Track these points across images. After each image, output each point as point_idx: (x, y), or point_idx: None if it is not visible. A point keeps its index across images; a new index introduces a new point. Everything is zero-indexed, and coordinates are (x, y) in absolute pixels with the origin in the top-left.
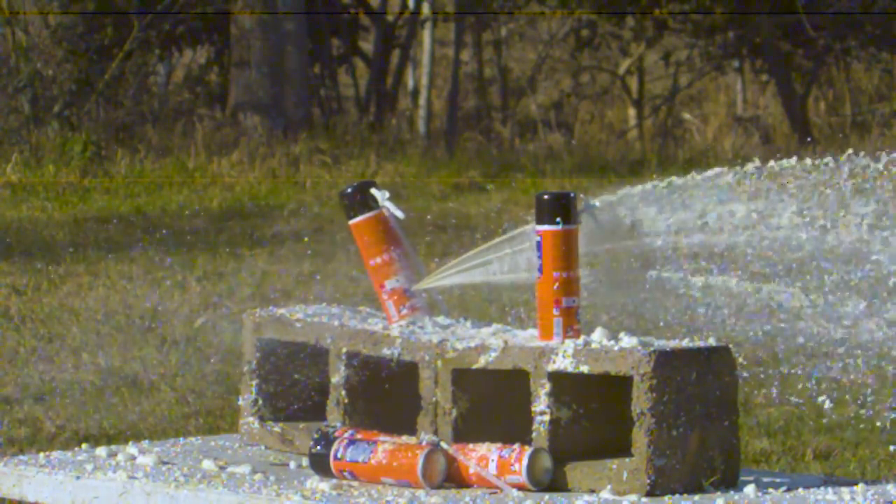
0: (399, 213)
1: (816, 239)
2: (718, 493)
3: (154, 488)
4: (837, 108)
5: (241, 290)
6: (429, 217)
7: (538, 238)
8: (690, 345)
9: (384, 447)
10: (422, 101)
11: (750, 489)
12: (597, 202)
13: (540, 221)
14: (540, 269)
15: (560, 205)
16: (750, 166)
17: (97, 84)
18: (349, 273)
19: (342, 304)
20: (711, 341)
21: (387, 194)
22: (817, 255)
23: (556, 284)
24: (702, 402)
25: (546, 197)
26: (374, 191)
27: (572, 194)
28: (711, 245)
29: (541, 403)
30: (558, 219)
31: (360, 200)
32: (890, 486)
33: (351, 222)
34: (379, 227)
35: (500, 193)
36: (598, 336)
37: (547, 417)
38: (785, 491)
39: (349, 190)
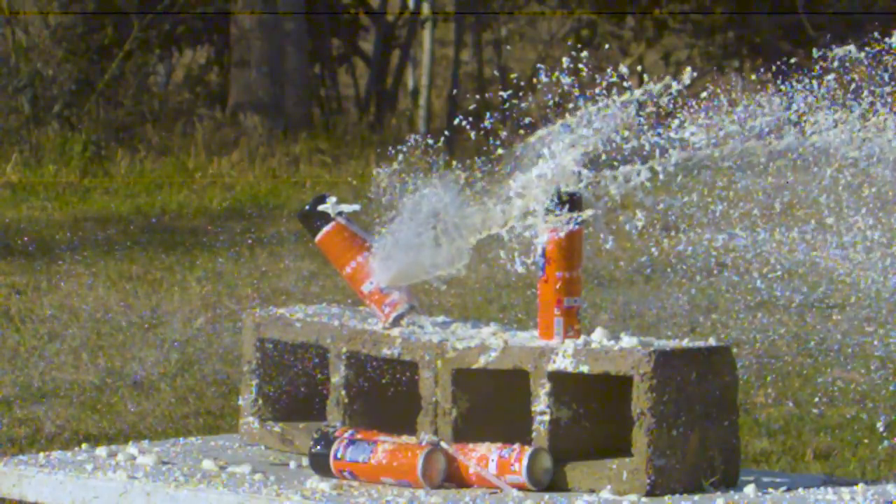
0: (352, 208)
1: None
2: (718, 493)
3: (154, 488)
4: None
5: (241, 290)
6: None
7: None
8: (690, 345)
9: (384, 447)
10: (422, 101)
11: (750, 489)
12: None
13: (545, 220)
14: (542, 269)
15: (565, 205)
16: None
17: (97, 84)
18: None
19: (342, 304)
20: (711, 341)
21: (334, 199)
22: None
23: (559, 284)
24: (702, 402)
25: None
26: (321, 207)
27: (577, 194)
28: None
29: (541, 403)
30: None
31: (317, 217)
32: (890, 486)
33: (316, 240)
34: (340, 236)
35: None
36: (598, 336)
37: (547, 417)
38: (785, 491)
39: (306, 208)
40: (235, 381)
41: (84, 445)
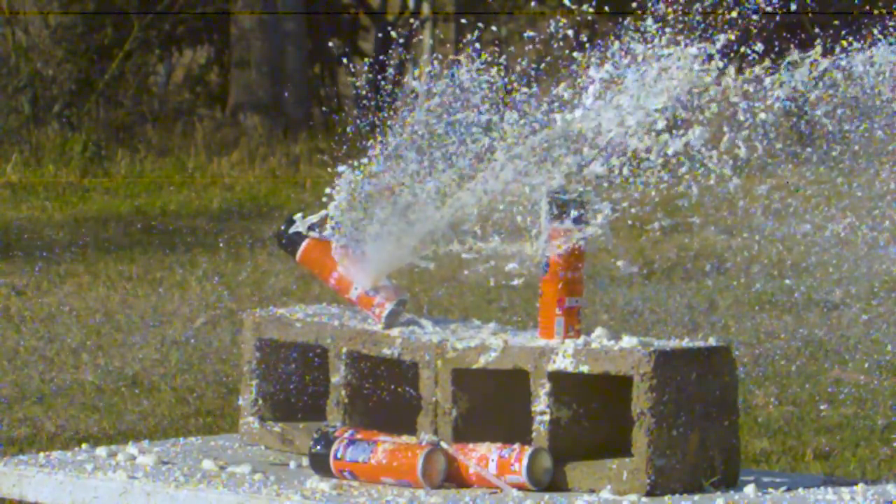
0: (319, 216)
1: None
2: (718, 493)
3: (154, 488)
4: None
5: (241, 290)
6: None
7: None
8: (690, 345)
9: (384, 447)
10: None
11: (750, 489)
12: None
13: (550, 220)
14: (545, 268)
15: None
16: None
17: (97, 84)
18: None
19: (342, 304)
20: (711, 341)
21: (300, 215)
22: None
23: (561, 284)
24: (702, 402)
25: (557, 196)
26: (292, 228)
27: (583, 197)
28: None
29: (541, 403)
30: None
31: (292, 238)
32: (890, 486)
33: (297, 259)
34: (317, 251)
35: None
36: (598, 336)
37: (547, 417)
38: (785, 491)
39: (280, 231)
40: (235, 381)
41: (84, 445)
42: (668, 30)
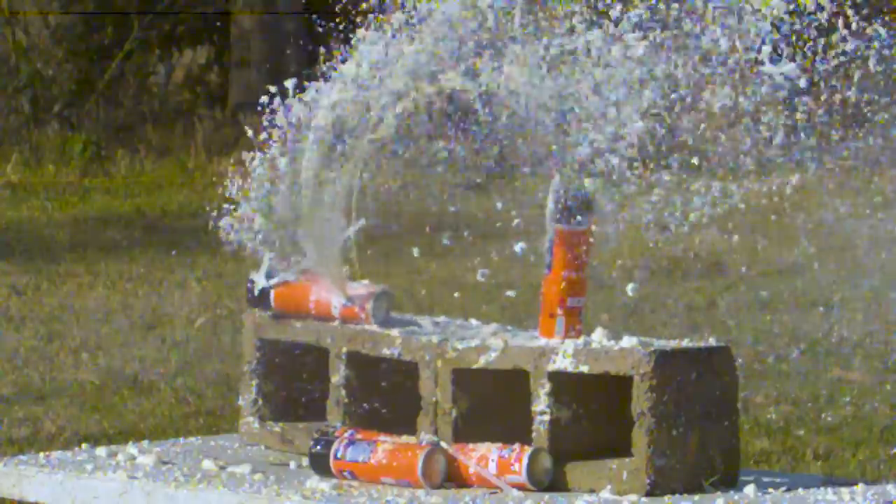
0: (268, 261)
1: None
2: (718, 493)
3: (154, 488)
4: None
5: (241, 290)
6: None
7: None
8: (690, 345)
9: (384, 447)
10: None
11: (750, 489)
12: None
13: (554, 219)
14: (549, 267)
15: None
16: None
17: (97, 84)
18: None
19: None
20: (712, 341)
21: (255, 274)
22: None
23: (564, 284)
24: (702, 402)
25: (563, 193)
26: (258, 289)
27: (589, 193)
28: None
29: (541, 403)
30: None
31: (260, 296)
32: (890, 486)
33: (273, 309)
34: (287, 292)
35: (504, 193)
36: (598, 336)
37: (547, 417)
38: (785, 491)
39: (248, 293)
40: (235, 381)
41: (84, 445)
42: None
